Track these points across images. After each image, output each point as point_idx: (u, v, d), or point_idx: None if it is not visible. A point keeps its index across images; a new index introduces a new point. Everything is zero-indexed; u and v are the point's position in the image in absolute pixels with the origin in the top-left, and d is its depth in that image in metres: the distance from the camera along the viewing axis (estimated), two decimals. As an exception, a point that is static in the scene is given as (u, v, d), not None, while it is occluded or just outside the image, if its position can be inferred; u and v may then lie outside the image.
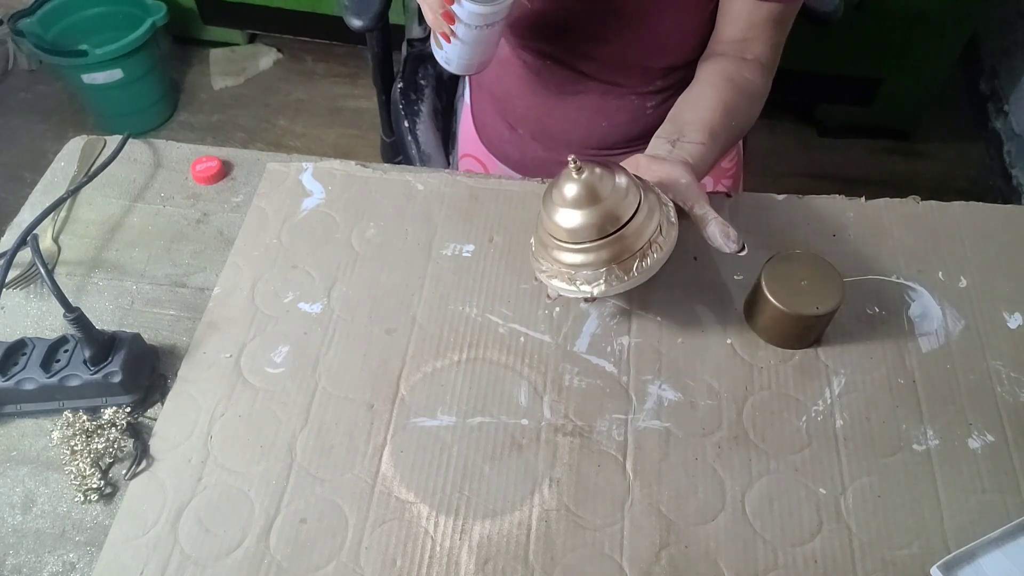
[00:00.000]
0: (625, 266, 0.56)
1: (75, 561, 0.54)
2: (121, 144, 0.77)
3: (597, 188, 0.54)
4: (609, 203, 0.55)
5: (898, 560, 0.53)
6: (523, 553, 0.54)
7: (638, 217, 0.55)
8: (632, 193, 0.55)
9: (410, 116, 1.05)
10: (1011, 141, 1.86)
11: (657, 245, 0.56)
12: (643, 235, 0.56)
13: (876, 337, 0.65)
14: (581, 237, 0.55)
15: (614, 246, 0.55)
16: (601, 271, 0.56)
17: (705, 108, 0.68)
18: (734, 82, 0.70)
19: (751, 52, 0.73)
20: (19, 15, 1.83)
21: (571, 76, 0.82)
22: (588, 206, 0.55)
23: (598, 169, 0.55)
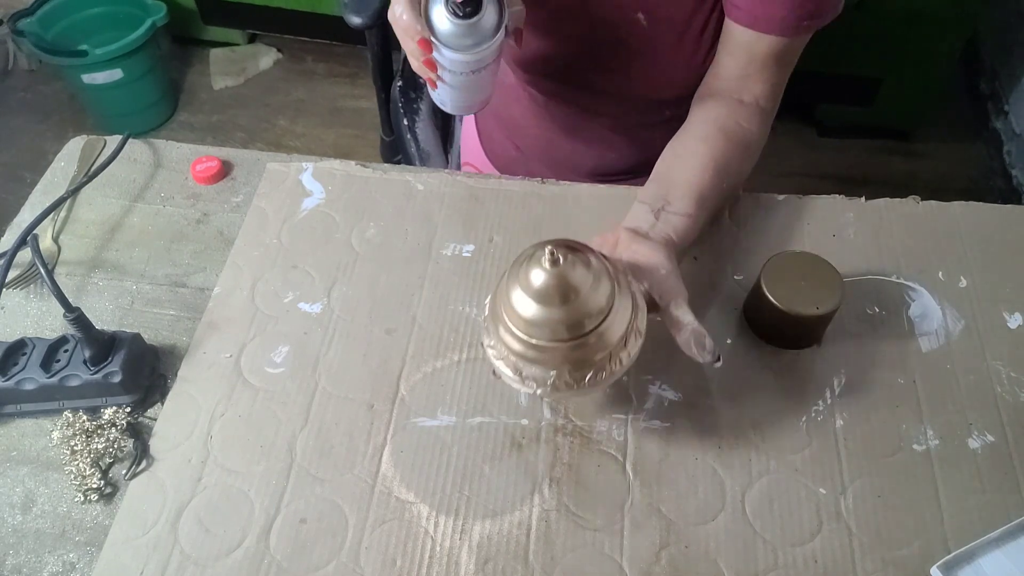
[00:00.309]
0: (578, 375, 0.50)
1: (75, 561, 0.54)
2: (121, 144, 0.77)
3: (568, 286, 0.48)
4: (577, 305, 0.48)
5: (898, 560, 0.53)
6: (523, 553, 0.54)
7: (605, 325, 0.49)
8: (605, 297, 0.49)
9: (409, 114, 1.05)
10: (1011, 141, 1.86)
11: (618, 359, 0.50)
12: (606, 345, 0.50)
13: (876, 337, 0.65)
14: (537, 334, 0.49)
15: (572, 352, 0.49)
16: (551, 372, 0.50)
17: (694, 169, 0.63)
18: (728, 134, 0.66)
19: (749, 93, 0.68)
20: (19, 15, 1.83)
21: (578, 110, 0.81)
22: (554, 304, 0.48)
23: (577, 264, 0.48)
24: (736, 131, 0.67)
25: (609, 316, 0.49)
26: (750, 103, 0.68)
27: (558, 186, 0.75)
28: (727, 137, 0.66)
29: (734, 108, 0.68)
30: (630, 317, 0.51)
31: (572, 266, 0.48)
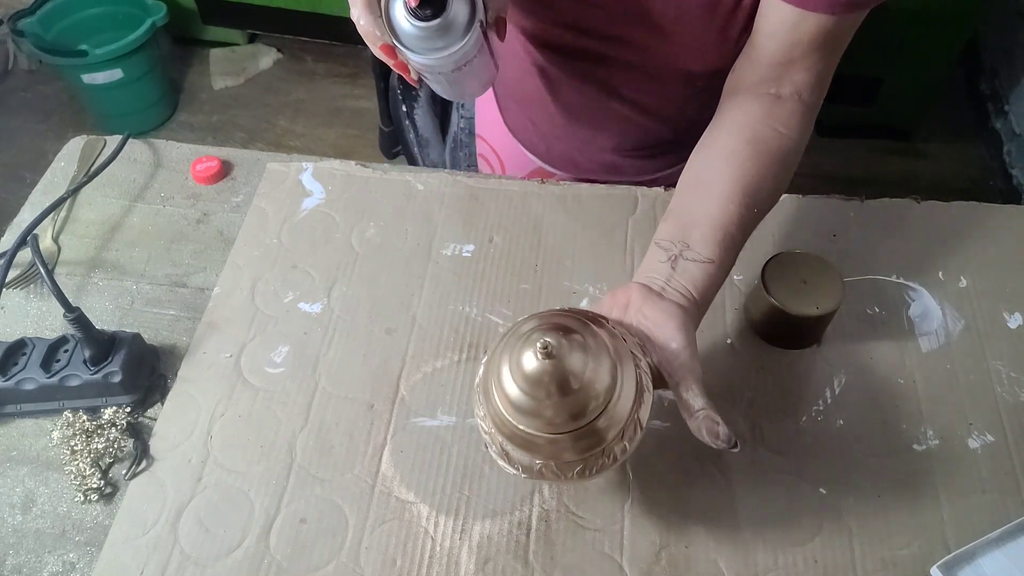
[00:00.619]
0: (566, 467, 0.45)
1: (75, 561, 0.54)
2: (121, 144, 0.77)
3: (563, 377, 0.43)
4: (571, 398, 0.43)
5: (898, 560, 0.53)
6: (523, 553, 0.54)
7: (601, 419, 0.44)
8: (604, 388, 0.44)
9: (408, 101, 1.05)
10: (1011, 141, 1.86)
11: (612, 454, 0.45)
12: (600, 440, 0.45)
13: (876, 337, 0.65)
14: (525, 422, 0.44)
15: (561, 444, 0.44)
16: (537, 461, 0.45)
17: (718, 199, 0.53)
18: (761, 145, 0.55)
19: (790, 83, 0.58)
20: (19, 15, 1.83)
21: (595, 86, 0.73)
22: (544, 396, 0.43)
23: (574, 352, 0.43)
24: (770, 140, 0.56)
25: (607, 408, 0.44)
26: (789, 96, 0.58)
27: (558, 186, 0.75)
28: (759, 150, 0.55)
29: (770, 107, 0.58)
30: (631, 408, 0.45)
31: (568, 354, 0.43)
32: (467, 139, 1.01)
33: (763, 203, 0.55)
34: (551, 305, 0.66)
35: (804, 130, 0.58)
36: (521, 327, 0.46)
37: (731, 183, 0.54)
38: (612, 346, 0.45)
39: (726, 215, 0.53)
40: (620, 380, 0.45)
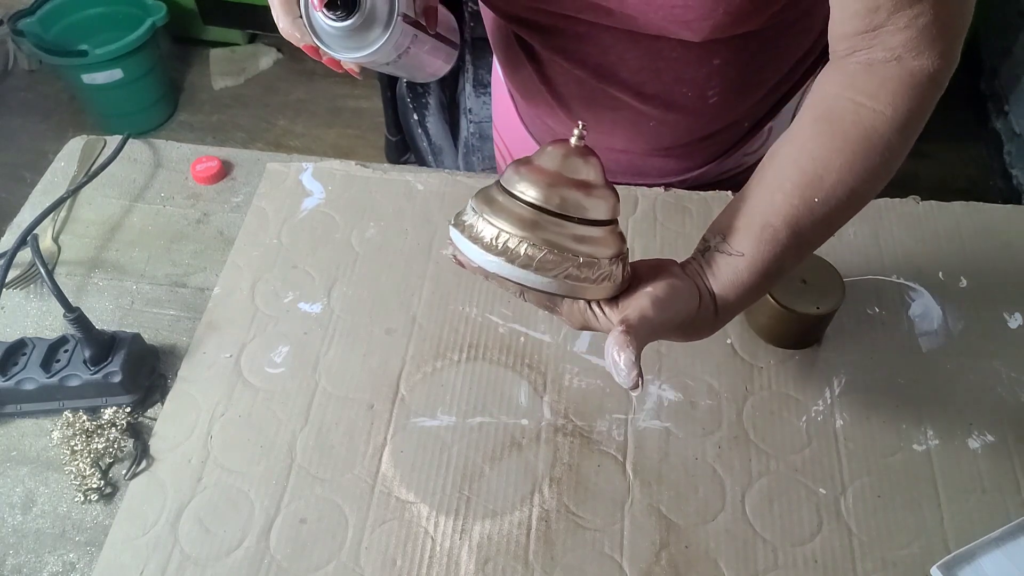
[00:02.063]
0: (591, 265, 0.42)
1: (75, 561, 0.54)
2: (121, 144, 0.77)
3: (601, 164, 0.44)
4: (606, 191, 0.44)
5: (898, 560, 0.53)
6: (523, 553, 0.54)
7: (608, 229, 0.44)
8: (614, 206, 0.44)
9: (419, 110, 1.05)
10: (1011, 141, 1.86)
11: (624, 270, 0.44)
12: (620, 251, 0.44)
13: (876, 337, 0.65)
14: (564, 207, 0.42)
15: (596, 241, 0.43)
16: (572, 258, 0.42)
17: (766, 188, 0.46)
18: (831, 124, 0.46)
19: (882, 47, 0.45)
20: (19, 15, 1.83)
21: (592, 74, 0.66)
22: (583, 178, 0.43)
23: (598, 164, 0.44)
24: (845, 116, 0.45)
25: (613, 225, 0.44)
26: (883, 61, 0.45)
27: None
28: (827, 129, 0.46)
29: (854, 76, 0.46)
30: (625, 250, 0.45)
31: (593, 158, 0.43)
32: (478, 143, 1.00)
33: (829, 192, 0.45)
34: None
35: (904, 101, 0.45)
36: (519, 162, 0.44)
37: (783, 169, 0.46)
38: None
39: (771, 206, 0.45)
40: (616, 223, 0.45)
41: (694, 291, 0.45)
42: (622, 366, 0.40)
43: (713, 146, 0.74)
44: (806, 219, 0.45)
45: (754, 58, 0.59)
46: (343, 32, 0.48)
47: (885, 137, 0.45)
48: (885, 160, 0.45)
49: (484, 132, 1.02)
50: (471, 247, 0.43)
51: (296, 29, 0.49)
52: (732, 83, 0.62)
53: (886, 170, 0.46)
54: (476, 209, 0.43)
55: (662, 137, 0.70)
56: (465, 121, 1.04)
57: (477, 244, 0.42)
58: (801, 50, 0.66)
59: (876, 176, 0.46)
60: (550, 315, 0.65)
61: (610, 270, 0.43)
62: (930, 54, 0.45)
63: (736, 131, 0.73)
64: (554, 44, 0.65)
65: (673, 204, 0.73)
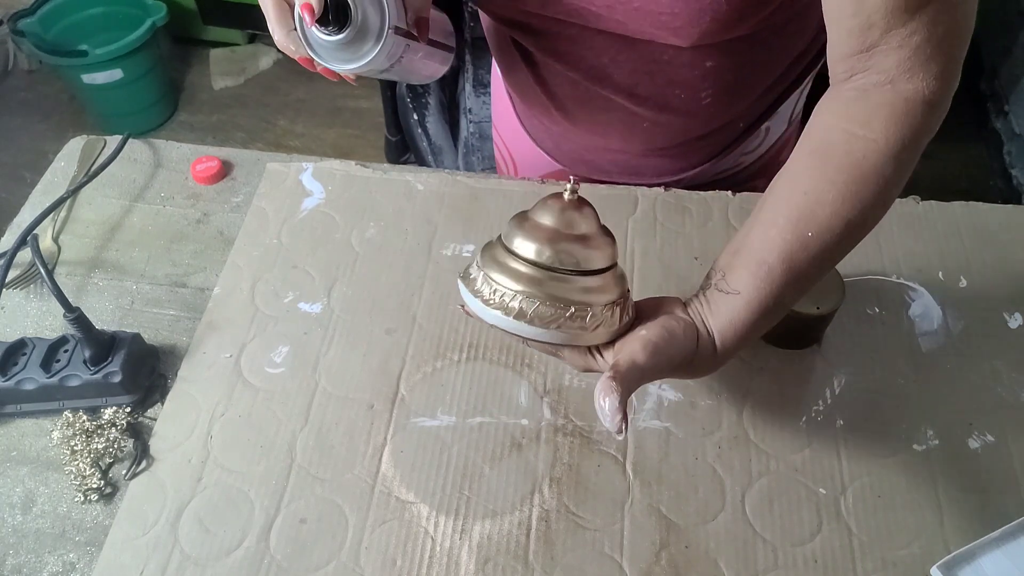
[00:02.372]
0: (591, 317, 0.45)
1: (75, 561, 0.54)
2: (121, 144, 0.77)
3: (593, 216, 0.47)
4: (601, 240, 0.47)
5: (898, 560, 0.53)
6: (523, 553, 0.54)
7: (617, 271, 0.48)
8: (610, 253, 0.47)
9: (419, 110, 1.05)
10: (1011, 141, 1.86)
11: (627, 311, 0.47)
12: (622, 296, 0.47)
13: (876, 337, 0.65)
14: (558, 262, 0.45)
15: (592, 291, 0.45)
16: (564, 310, 0.45)
17: (762, 224, 0.46)
18: (824, 157, 0.46)
19: (876, 70, 0.45)
20: (19, 15, 1.83)
21: (586, 76, 0.66)
22: (576, 232, 0.46)
23: (591, 213, 0.47)
24: (838, 146, 0.45)
25: (610, 271, 0.47)
26: (877, 86, 0.45)
27: (558, 186, 0.75)
28: (820, 162, 0.46)
29: (848, 104, 0.46)
30: (624, 293, 0.48)
31: (587, 209, 0.47)
32: (478, 143, 1.00)
33: (823, 225, 0.45)
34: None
35: (897, 128, 0.45)
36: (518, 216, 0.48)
37: (777, 204, 0.46)
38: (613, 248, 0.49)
39: (765, 242, 0.45)
40: (614, 268, 0.48)
41: (692, 332, 0.46)
42: (607, 411, 0.42)
43: (708, 146, 0.74)
44: (800, 254, 0.45)
45: (747, 60, 0.59)
46: (336, 45, 0.50)
47: (878, 166, 0.45)
48: (880, 189, 0.45)
49: (484, 132, 1.02)
50: (474, 301, 0.47)
51: (291, 42, 0.50)
52: (726, 85, 0.62)
53: (881, 199, 0.46)
54: (480, 265, 0.48)
55: (656, 137, 0.71)
56: (465, 121, 1.04)
57: (479, 299, 0.46)
58: (795, 51, 0.66)
59: (871, 206, 0.45)
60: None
61: (604, 317, 0.46)
62: (925, 75, 0.44)
63: (731, 131, 0.72)
64: (547, 47, 0.65)
65: (673, 204, 0.73)
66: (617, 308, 0.46)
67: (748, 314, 0.45)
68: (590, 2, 0.57)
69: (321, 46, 0.51)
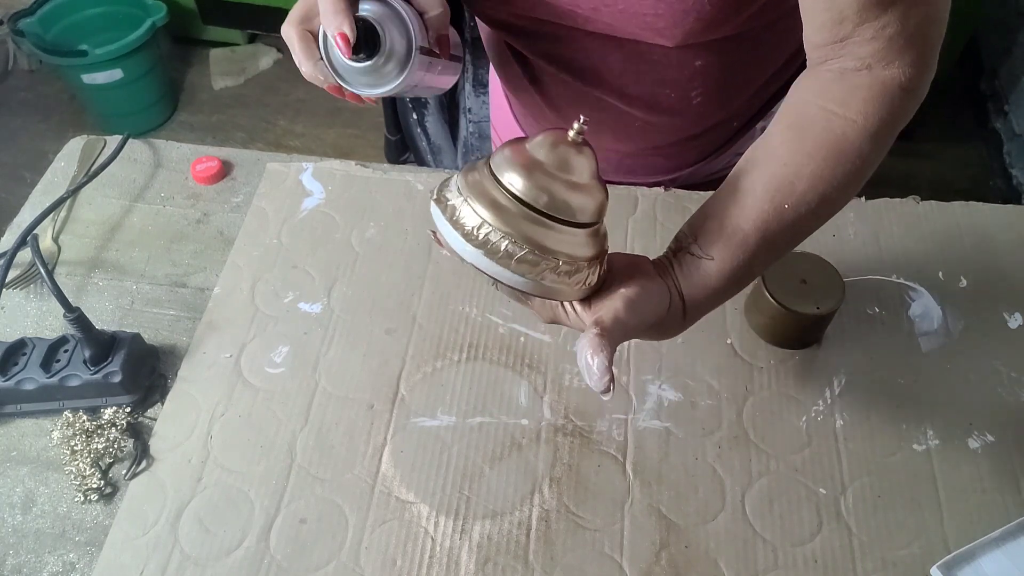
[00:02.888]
0: (571, 269, 0.42)
1: (75, 561, 0.54)
2: (121, 144, 0.77)
3: (596, 164, 0.43)
4: (596, 190, 0.43)
5: (898, 560, 0.53)
6: (523, 553, 0.54)
7: (603, 228, 0.45)
8: (604, 200, 0.44)
9: (418, 109, 1.04)
10: (1011, 141, 1.86)
11: (599, 272, 0.44)
12: (601, 254, 0.44)
13: (876, 337, 0.65)
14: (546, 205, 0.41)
15: (576, 239, 0.43)
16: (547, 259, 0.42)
17: (738, 192, 0.46)
18: (802, 131, 0.46)
19: (852, 56, 0.45)
20: (19, 15, 1.83)
21: (576, 77, 0.66)
22: (575, 178, 0.42)
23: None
24: (816, 123, 0.46)
25: (597, 225, 0.44)
26: (854, 69, 0.45)
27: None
28: (798, 136, 0.46)
29: (827, 83, 0.46)
30: (606, 249, 0.45)
31: (590, 153, 0.43)
32: (477, 143, 1.00)
33: (799, 198, 0.45)
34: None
35: (876, 109, 0.45)
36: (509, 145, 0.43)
37: (755, 174, 0.46)
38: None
39: (741, 211, 0.45)
40: (602, 227, 0.45)
41: (665, 292, 0.45)
42: (595, 370, 0.40)
43: (701, 145, 0.74)
44: (776, 224, 0.45)
45: (737, 60, 0.58)
46: (364, 71, 0.50)
47: (856, 145, 0.45)
48: (856, 168, 0.45)
49: (483, 132, 1.02)
50: (451, 232, 0.42)
51: (319, 72, 0.51)
52: (716, 84, 0.62)
53: (857, 178, 0.46)
54: (461, 190, 0.42)
55: (648, 137, 0.70)
56: (464, 121, 1.03)
57: (458, 231, 0.42)
58: (788, 50, 0.66)
59: (847, 183, 0.46)
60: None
61: (587, 274, 0.43)
62: (900, 63, 0.45)
63: (724, 130, 0.72)
64: (538, 48, 0.65)
65: (673, 204, 0.73)
66: (599, 265, 0.44)
67: (720, 280, 0.46)
68: (577, 5, 0.57)
69: (349, 72, 0.51)
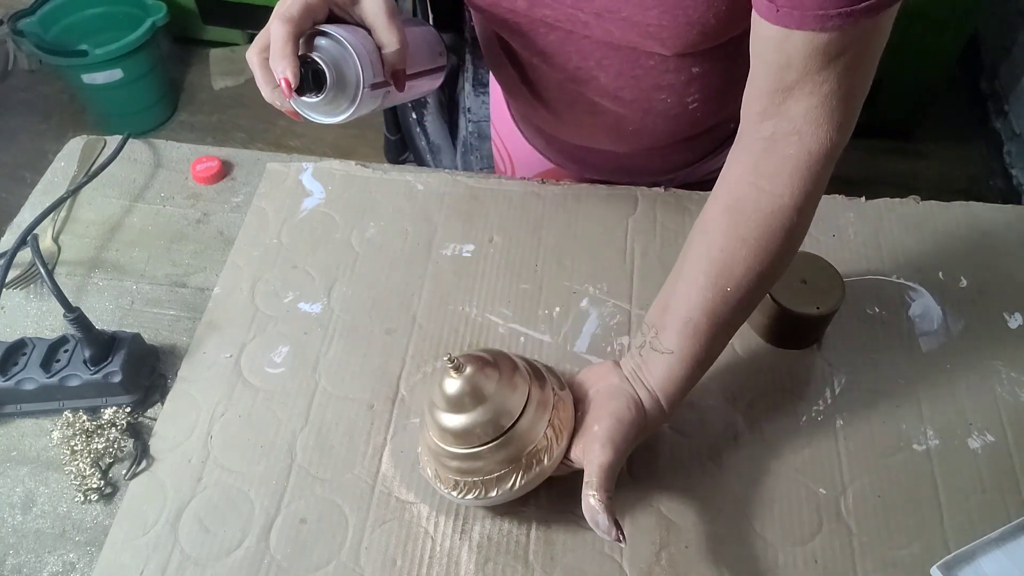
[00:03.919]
0: (488, 484, 0.51)
1: (75, 561, 0.54)
2: (121, 144, 0.77)
3: (474, 390, 0.49)
4: (484, 411, 0.49)
5: (898, 560, 0.53)
6: (523, 553, 0.54)
7: (515, 433, 0.50)
8: (515, 406, 0.50)
9: (417, 108, 1.04)
10: (1011, 141, 1.86)
11: (532, 469, 0.50)
12: (517, 456, 0.50)
13: (876, 337, 0.65)
14: (448, 441, 0.50)
15: (480, 459, 0.50)
16: (464, 479, 0.51)
17: (686, 282, 0.50)
18: (736, 214, 0.49)
19: (787, 118, 0.48)
20: (19, 15, 1.83)
21: (568, 79, 0.66)
22: (459, 410, 0.49)
23: (483, 371, 0.49)
24: (747, 203, 0.49)
25: (518, 423, 0.50)
26: (784, 137, 0.48)
27: (558, 186, 0.75)
28: (733, 220, 0.49)
29: (758, 157, 0.49)
30: (546, 426, 0.51)
31: (475, 372, 0.49)
32: (477, 142, 1.00)
33: (740, 280, 0.48)
34: (551, 305, 0.66)
35: (802, 183, 0.48)
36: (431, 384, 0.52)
37: (697, 262, 0.50)
38: (527, 372, 0.51)
39: (689, 301, 0.49)
40: (530, 399, 0.50)
41: (637, 404, 0.50)
42: (603, 529, 0.46)
43: (698, 146, 0.74)
44: (722, 307, 0.49)
45: (734, 65, 0.58)
46: (316, 103, 0.53)
47: (784, 221, 0.48)
48: (787, 240, 0.49)
49: (483, 131, 1.02)
50: (450, 495, 0.52)
51: (276, 98, 0.52)
52: (713, 90, 0.63)
53: (788, 248, 0.50)
54: (427, 460, 0.54)
55: (644, 139, 0.70)
56: (464, 120, 1.03)
57: (449, 494, 0.52)
58: None
59: (780, 257, 0.50)
60: (550, 315, 0.66)
61: (550, 441, 0.50)
62: (828, 127, 0.47)
63: (721, 131, 0.72)
64: (533, 48, 0.65)
65: (673, 204, 0.73)
66: (553, 425, 0.51)
67: (682, 369, 0.50)
68: (579, 8, 0.57)
69: (304, 104, 0.54)
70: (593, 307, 0.66)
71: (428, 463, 0.54)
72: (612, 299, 0.67)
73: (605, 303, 0.67)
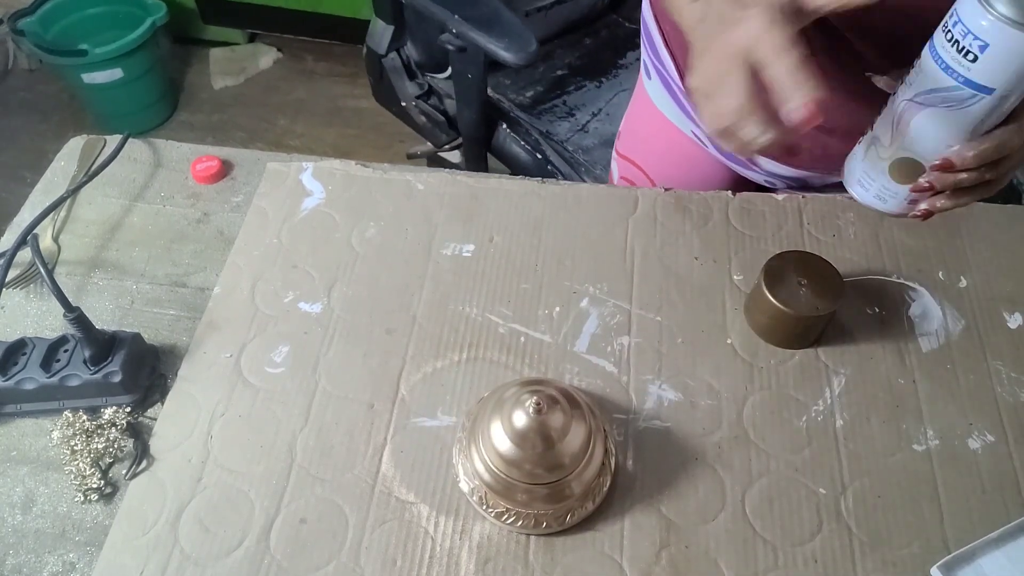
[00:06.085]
0: (537, 519, 0.53)
1: (75, 561, 0.54)
2: (121, 144, 0.77)
3: (548, 434, 0.50)
4: (551, 454, 0.51)
5: (898, 560, 0.53)
6: (523, 553, 0.54)
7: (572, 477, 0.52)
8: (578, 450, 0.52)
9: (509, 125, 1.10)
10: (1011, 141, 1.85)
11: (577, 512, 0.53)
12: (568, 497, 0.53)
13: (876, 337, 0.65)
14: (507, 471, 0.52)
15: (533, 494, 0.52)
16: (512, 509, 0.53)
17: None
18: None
19: None
20: (19, 14, 1.83)
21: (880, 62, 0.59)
22: (529, 448, 0.51)
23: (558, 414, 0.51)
24: None
25: (579, 468, 0.52)
26: None
27: (558, 186, 0.75)
28: None
29: None
30: (599, 471, 0.54)
31: (552, 414, 0.50)
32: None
33: None
34: (551, 304, 0.66)
35: None
36: (507, 390, 0.53)
37: None
38: (587, 416, 0.53)
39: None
40: (592, 446, 0.53)
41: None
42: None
43: None
44: None
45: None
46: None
47: None
48: None
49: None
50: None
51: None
52: None
53: None
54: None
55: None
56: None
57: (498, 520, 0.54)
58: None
59: None
60: (550, 315, 0.66)
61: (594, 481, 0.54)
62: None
63: None
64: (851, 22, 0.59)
65: (673, 204, 0.73)
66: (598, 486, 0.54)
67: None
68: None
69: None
70: (593, 307, 0.66)
71: (475, 483, 0.54)
72: (612, 299, 0.67)
73: (605, 303, 0.67)
